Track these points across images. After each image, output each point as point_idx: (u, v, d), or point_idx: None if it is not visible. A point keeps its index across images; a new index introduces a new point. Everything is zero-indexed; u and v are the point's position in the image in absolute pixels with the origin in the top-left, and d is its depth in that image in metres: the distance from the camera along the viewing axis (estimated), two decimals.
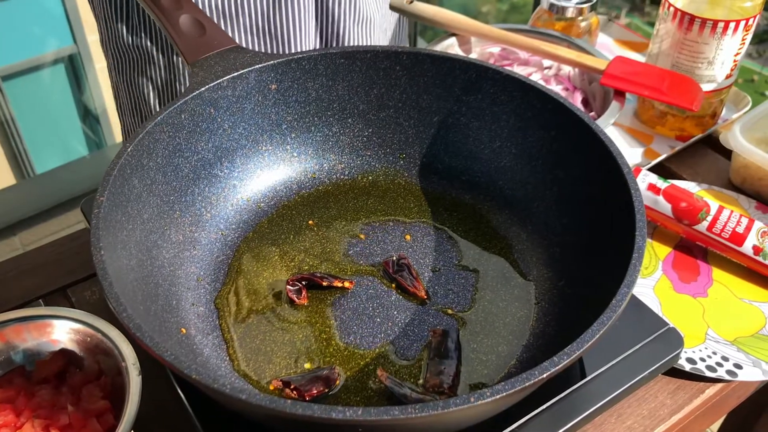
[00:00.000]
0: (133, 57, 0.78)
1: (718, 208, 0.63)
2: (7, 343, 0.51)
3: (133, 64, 0.79)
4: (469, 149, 0.61)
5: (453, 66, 0.59)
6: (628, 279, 0.42)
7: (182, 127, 0.55)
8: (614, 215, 0.49)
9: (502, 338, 0.51)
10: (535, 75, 0.76)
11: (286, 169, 0.62)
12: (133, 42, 0.77)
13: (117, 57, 0.80)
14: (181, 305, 0.52)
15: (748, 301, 0.61)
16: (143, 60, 0.78)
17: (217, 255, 0.56)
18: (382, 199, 0.61)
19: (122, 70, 0.81)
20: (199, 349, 0.49)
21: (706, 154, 0.76)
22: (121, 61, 0.80)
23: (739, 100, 0.80)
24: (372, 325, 0.52)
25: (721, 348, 0.56)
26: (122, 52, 0.79)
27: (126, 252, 0.48)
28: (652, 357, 0.49)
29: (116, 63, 0.81)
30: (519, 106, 0.57)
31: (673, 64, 0.73)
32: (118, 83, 0.83)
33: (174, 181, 0.55)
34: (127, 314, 0.40)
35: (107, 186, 0.47)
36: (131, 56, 0.78)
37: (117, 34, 0.77)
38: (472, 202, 0.61)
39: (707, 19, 0.69)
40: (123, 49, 0.78)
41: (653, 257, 0.64)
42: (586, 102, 0.75)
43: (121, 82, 0.82)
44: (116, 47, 0.79)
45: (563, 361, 0.38)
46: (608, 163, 0.50)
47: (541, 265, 0.55)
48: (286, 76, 0.59)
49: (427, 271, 0.55)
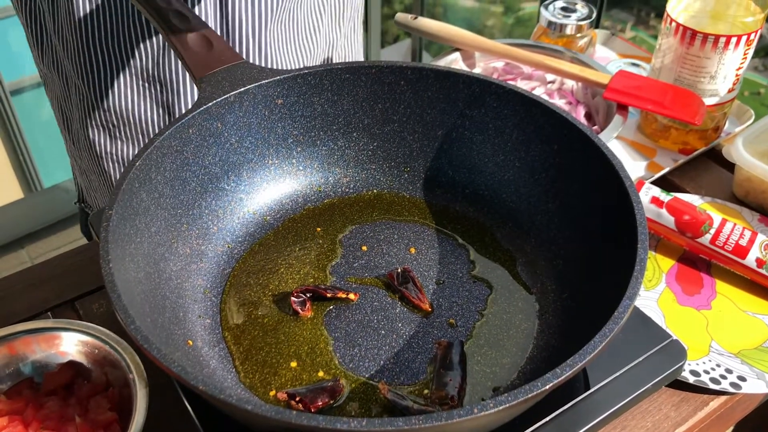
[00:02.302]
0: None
1: (720, 221, 0.63)
2: (16, 355, 0.52)
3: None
4: (473, 163, 0.62)
5: (457, 81, 0.60)
6: (630, 291, 0.42)
7: (190, 141, 0.56)
8: (617, 228, 0.49)
9: (506, 350, 0.51)
10: (538, 89, 0.77)
11: (292, 182, 0.63)
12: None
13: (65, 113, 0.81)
14: (188, 317, 0.52)
15: (752, 313, 0.61)
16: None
17: (224, 267, 0.57)
18: (387, 212, 0.62)
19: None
20: (205, 361, 0.50)
21: (709, 167, 0.76)
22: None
23: (741, 114, 0.81)
24: (376, 337, 0.52)
25: (725, 360, 0.57)
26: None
27: (134, 265, 0.48)
28: (656, 369, 0.50)
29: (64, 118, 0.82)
30: (522, 120, 0.58)
31: (676, 79, 0.74)
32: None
33: (181, 195, 0.56)
34: (134, 326, 0.41)
35: (116, 199, 0.48)
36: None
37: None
38: (475, 215, 0.61)
39: (709, 33, 0.70)
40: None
41: (657, 270, 0.64)
42: (589, 116, 0.75)
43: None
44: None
45: (566, 373, 0.38)
46: (610, 176, 0.50)
47: (545, 278, 0.55)
48: (292, 91, 0.60)
49: (431, 284, 0.56)
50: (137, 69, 0.74)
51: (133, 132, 0.78)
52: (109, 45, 0.72)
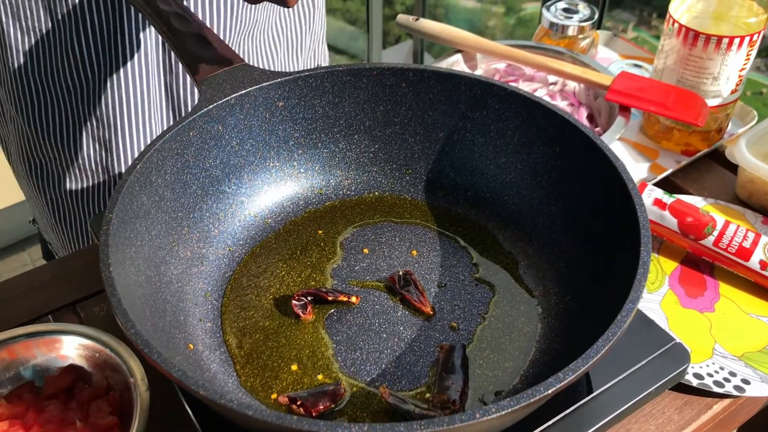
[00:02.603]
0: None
1: (724, 223, 0.63)
2: (17, 359, 0.52)
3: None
4: (475, 165, 0.62)
5: (458, 83, 0.60)
6: (633, 294, 0.42)
7: (190, 144, 0.56)
8: (619, 230, 0.49)
9: (508, 354, 0.51)
10: (540, 91, 0.77)
11: (293, 185, 0.63)
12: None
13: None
14: (189, 321, 0.52)
15: (756, 316, 0.61)
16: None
17: (225, 271, 0.57)
18: (389, 214, 0.62)
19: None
20: (206, 365, 0.49)
21: (712, 168, 0.76)
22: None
23: (744, 115, 0.80)
24: (378, 340, 0.52)
25: (729, 363, 0.56)
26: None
27: (134, 268, 0.48)
28: (659, 372, 0.49)
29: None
30: (524, 122, 0.58)
31: (679, 80, 0.73)
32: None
33: (182, 198, 0.56)
34: (135, 330, 0.41)
35: (116, 203, 0.48)
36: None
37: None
38: (477, 218, 0.61)
39: (712, 35, 0.69)
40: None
41: (660, 272, 0.64)
42: (592, 117, 0.75)
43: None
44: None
45: (568, 377, 0.38)
46: (613, 178, 0.50)
47: (547, 281, 0.55)
48: (293, 93, 0.60)
49: (433, 287, 0.56)
50: (72, 103, 0.71)
51: (69, 166, 0.76)
52: (40, 74, 0.70)
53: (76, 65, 0.69)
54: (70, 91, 0.71)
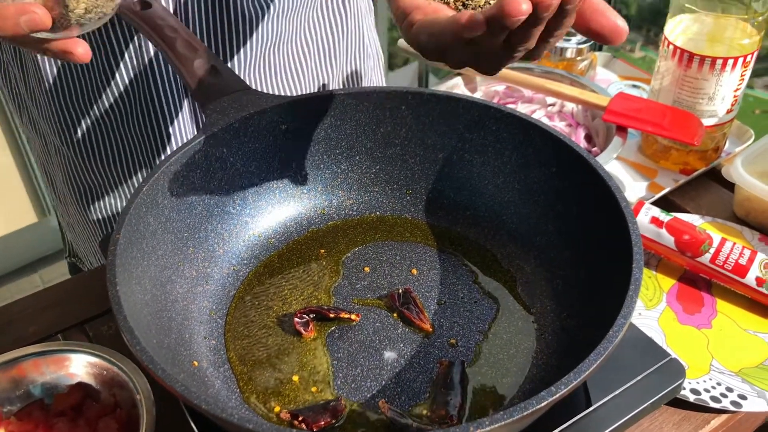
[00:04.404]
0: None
1: (720, 241, 0.64)
2: (26, 377, 0.53)
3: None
4: (474, 185, 0.63)
5: (457, 105, 0.61)
6: (624, 310, 0.43)
7: (196, 166, 0.57)
8: (614, 248, 0.50)
9: (506, 370, 0.52)
10: (538, 112, 0.78)
11: (296, 205, 0.64)
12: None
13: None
14: (194, 339, 0.53)
15: (753, 332, 0.61)
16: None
17: (229, 289, 0.58)
18: (390, 233, 0.63)
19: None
20: (210, 382, 0.51)
21: (710, 187, 0.77)
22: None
23: (741, 134, 0.81)
24: (378, 357, 0.53)
25: (726, 379, 0.57)
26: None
27: (141, 287, 0.50)
28: (655, 387, 0.50)
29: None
30: (521, 143, 0.59)
31: (675, 100, 0.75)
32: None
33: (188, 219, 0.57)
34: (140, 347, 0.42)
35: (123, 224, 0.50)
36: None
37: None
38: (476, 237, 0.62)
39: (706, 56, 0.71)
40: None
41: (657, 289, 0.65)
42: (590, 138, 0.76)
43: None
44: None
45: (561, 391, 0.39)
46: (606, 197, 0.51)
47: (545, 298, 0.56)
48: (296, 116, 0.61)
49: (432, 304, 0.57)
50: (112, 125, 0.74)
51: (116, 187, 0.79)
52: (80, 103, 0.73)
53: (110, 89, 0.72)
54: (108, 114, 0.74)
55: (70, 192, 0.80)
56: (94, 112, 0.74)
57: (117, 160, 0.76)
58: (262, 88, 0.77)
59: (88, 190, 0.79)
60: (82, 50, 0.46)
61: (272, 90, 0.77)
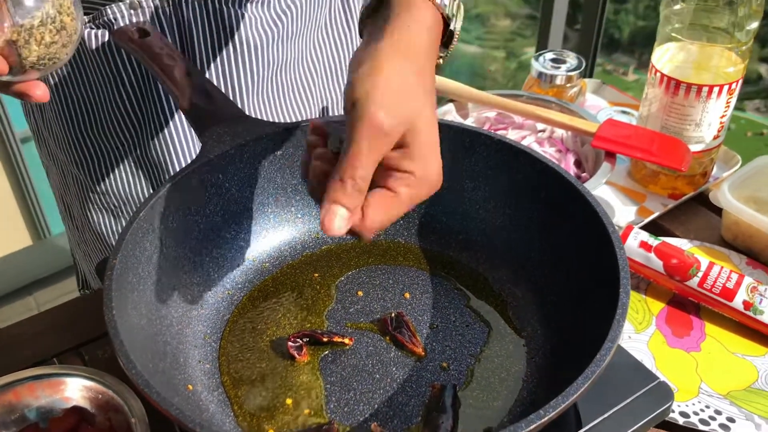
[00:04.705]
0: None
1: (708, 265, 0.65)
2: (22, 401, 0.53)
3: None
4: (465, 209, 0.64)
5: (449, 132, 0.62)
6: (612, 334, 0.44)
7: (192, 192, 0.58)
8: (601, 273, 0.51)
9: (497, 393, 0.53)
10: (529, 138, 0.80)
11: (290, 229, 0.65)
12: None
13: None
14: (189, 362, 0.54)
15: (741, 355, 0.62)
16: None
17: (224, 313, 0.59)
18: (383, 257, 0.64)
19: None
20: (204, 405, 0.51)
21: (698, 211, 0.78)
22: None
23: (729, 159, 0.83)
24: (371, 381, 0.53)
25: (714, 402, 0.58)
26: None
27: (136, 311, 0.50)
28: (644, 410, 0.51)
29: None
30: (510, 168, 0.60)
31: (663, 126, 0.76)
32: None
33: (184, 244, 0.58)
34: (136, 371, 0.43)
35: (120, 249, 0.50)
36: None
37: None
38: (468, 261, 0.63)
39: (693, 83, 0.72)
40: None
41: (647, 313, 0.66)
42: (579, 163, 0.78)
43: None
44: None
45: (549, 414, 0.40)
46: (593, 221, 0.52)
47: (535, 322, 0.57)
48: (290, 142, 0.63)
49: (425, 328, 0.58)
50: (126, 152, 0.76)
51: (133, 210, 0.80)
52: (96, 132, 0.75)
53: (122, 117, 0.74)
54: (122, 141, 0.76)
55: (88, 220, 0.82)
56: (108, 141, 0.76)
57: (130, 184, 0.78)
58: (270, 111, 0.78)
59: (105, 216, 0.81)
60: (40, 92, 0.50)
61: (281, 112, 0.79)
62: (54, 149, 0.80)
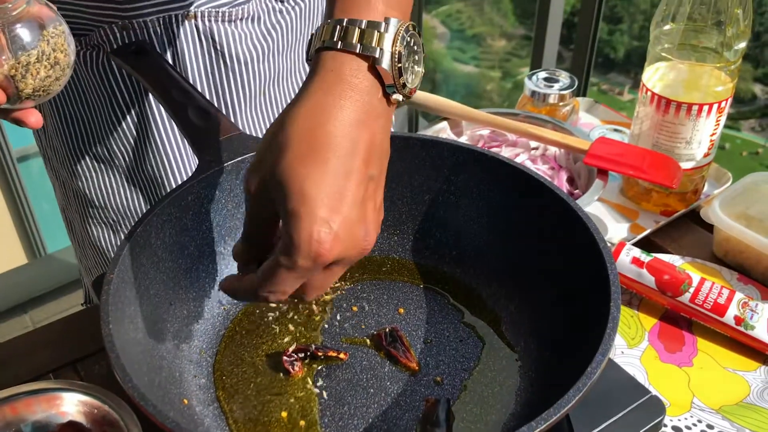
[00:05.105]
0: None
1: (699, 280, 0.66)
2: (18, 416, 0.54)
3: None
4: (459, 225, 0.65)
5: (442, 149, 0.63)
6: (602, 347, 0.45)
7: (189, 208, 0.59)
8: (593, 288, 0.52)
9: (490, 407, 0.53)
10: (522, 155, 0.81)
11: None
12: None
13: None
14: (184, 377, 0.54)
15: (732, 370, 0.63)
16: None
17: (219, 328, 0.59)
18: (377, 273, 0.65)
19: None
20: (200, 419, 0.51)
21: (690, 228, 0.79)
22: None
23: (720, 176, 0.84)
24: (365, 395, 0.54)
25: (707, 416, 0.58)
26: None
27: (133, 326, 0.51)
28: (636, 424, 0.51)
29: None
30: (503, 185, 0.61)
31: (654, 144, 0.77)
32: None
33: (180, 259, 0.58)
34: (132, 384, 0.43)
35: (117, 264, 0.51)
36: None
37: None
38: (462, 276, 0.64)
39: (683, 102, 0.74)
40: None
41: (639, 328, 0.67)
42: (572, 180, 0.79)
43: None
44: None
45: (540, 426, 0.40)
46: (585, 237, 0.53)
47: (528, 337, 0.58)
48: None
49: (419, 343, 0.58)
50: (124, 167, 0.78)
51: (131, 225, 0.81)
52: (94, 148, 0.77)
53: (119, 134, 0.75)
54: (119, 157, 0.77)
55: (88, 234, 0.83)
56: (105, 156, 0.77)
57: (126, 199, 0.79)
58: (263, 124, 0.79)
59: (104, 230, 0.82)
60: (34, 119, 0.55)
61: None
62: (56, 165, 0.81)
